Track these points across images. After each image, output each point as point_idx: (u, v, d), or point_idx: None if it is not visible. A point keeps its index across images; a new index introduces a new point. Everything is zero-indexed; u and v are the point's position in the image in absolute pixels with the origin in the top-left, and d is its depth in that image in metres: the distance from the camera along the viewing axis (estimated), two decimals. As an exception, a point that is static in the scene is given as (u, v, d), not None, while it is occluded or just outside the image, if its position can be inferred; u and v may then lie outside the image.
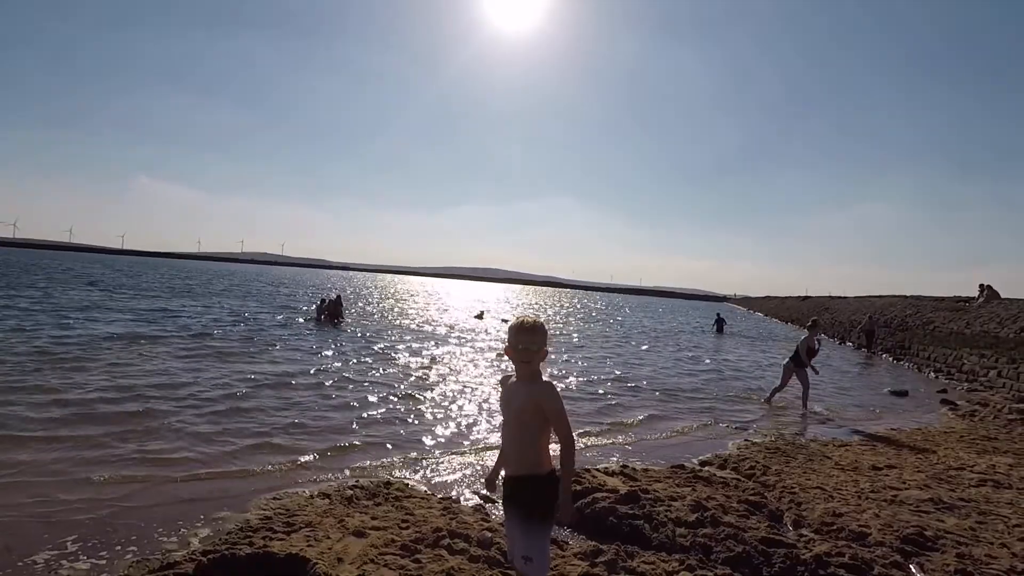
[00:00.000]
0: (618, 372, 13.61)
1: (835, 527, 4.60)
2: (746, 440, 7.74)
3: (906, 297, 33.73)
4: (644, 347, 20.80)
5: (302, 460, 5.77)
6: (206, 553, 3.57)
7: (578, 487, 5.14)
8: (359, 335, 17.08)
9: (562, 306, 56.71)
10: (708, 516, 4.59)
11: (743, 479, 5.92)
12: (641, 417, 8.91)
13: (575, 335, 23.64)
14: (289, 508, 4.43)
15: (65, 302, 19.50)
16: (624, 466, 6.10)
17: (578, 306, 60.43)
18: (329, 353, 12.95)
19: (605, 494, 4.97)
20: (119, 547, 3.77)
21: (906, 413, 10.80)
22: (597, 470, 5.83)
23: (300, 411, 7.62)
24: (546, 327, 2.64)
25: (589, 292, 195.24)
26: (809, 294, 70.04)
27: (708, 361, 17.64)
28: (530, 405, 2.57)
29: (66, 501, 4.37)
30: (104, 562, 3.56)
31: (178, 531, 4.05)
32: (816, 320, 10.94)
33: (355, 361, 12.15)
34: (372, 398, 8.73)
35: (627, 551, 3.96)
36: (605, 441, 7.43)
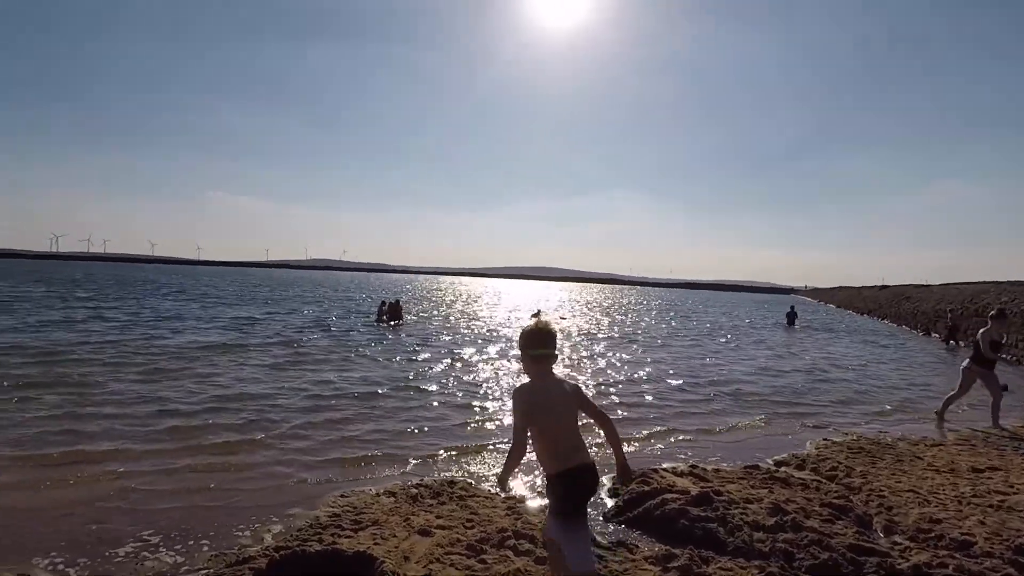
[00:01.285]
0: (684, 370, 13.19)
1: (933, 535, 4.21)
2: (825, 440, 7.28)
3: (999, 283, 31.10)
4: (709, 344, 20.12)
5: (368, 459, 5.85)
6: (279, 549, 3.64)
7: (645, 487, 4.96)
8: (419, 337, 17.34)
9: (622, 304, 55.82)
10: (788, 520, 4.31)
11: (824, 481, 5.55)
12: (710, 415, 8.58)
13: (637, 332, 23.17)
14: (356, 506, 4.48)
15: (161, 311, 20.79)
16: (694, 466, 5.85)
17: (639, 303, 59.32)
18: (390, 355, 13.19)
19: (675, 495, 4.76)
20: (192, 541, 3.91)
21: (1008, 410, 9.89)
22: (665, 470, 5.61)
23: (363, 412, 7.76)
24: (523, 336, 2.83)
25: (649, 288, 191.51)
26: (887, 283, 65.86)
27: (779, 356, 16.84)
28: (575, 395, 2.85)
29: (149, 497, 4.59)
30: (183, 557, 3.70)
31: (252, 527, 4.16)
32: (1003, 309, 9.47)
33: (415, 363, 12.32)
34: (432, 399, 8.79)
35: (701, 556, 3.76)
36: (673, 440, 7.17)
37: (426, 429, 7.06)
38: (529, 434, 2.69)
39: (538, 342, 2.72)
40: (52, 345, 11.66)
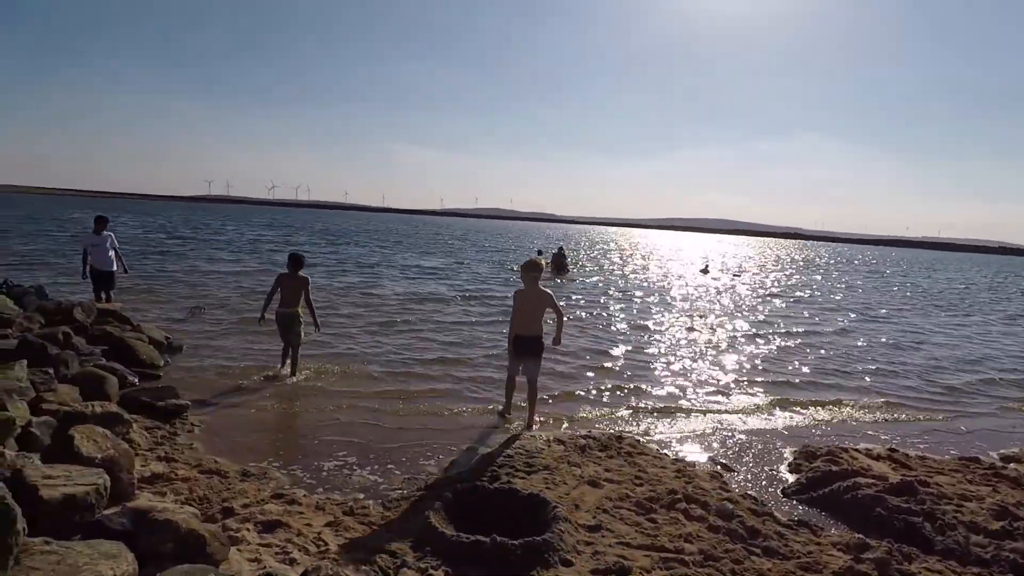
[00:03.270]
0: (890, 340, 11.65)
1: None
2: (1076, 435, 6.01)
3: None
4: (923, 310, 17.45)
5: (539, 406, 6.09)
6: (460, 481, 3.99)
7: (833, 467, 4.55)
8: (584, 290, 17.41)
9: (814, 262, 50.44)
10: (1021, 527, 3.66)
11: (1073, 486, 4.60)
12: (920, 394, 7.51)
13: (835, 298, 20.86)
14: (528, 450, 4.70)
15: (362, 260, 22.81)
16: (893, 450, 5.21)
17: (834, 262, 53.17)
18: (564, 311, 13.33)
19: (870, 480, 4.30)
20: (379, 465, 4.43)
21: None
22: (857, 450, 5.09)
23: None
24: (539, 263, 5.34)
25: (842, 245, 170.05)
26: None
27: (1020, 329, 14.05)
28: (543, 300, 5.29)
29: (353, 427, 5.22)
30: (380, 477, 4.22)
31: (436, 458, 4.60)
32: None
33: (582, 316, 12.41)
34: (598, 352, 8.80)
35: (903, 552, 3.36)
36: (870, 418, 6.42)
37: (592, 382, 7.14)
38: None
39: (532, 268, 5.26)
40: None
